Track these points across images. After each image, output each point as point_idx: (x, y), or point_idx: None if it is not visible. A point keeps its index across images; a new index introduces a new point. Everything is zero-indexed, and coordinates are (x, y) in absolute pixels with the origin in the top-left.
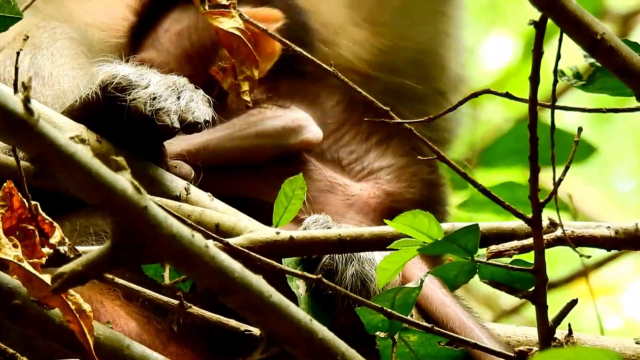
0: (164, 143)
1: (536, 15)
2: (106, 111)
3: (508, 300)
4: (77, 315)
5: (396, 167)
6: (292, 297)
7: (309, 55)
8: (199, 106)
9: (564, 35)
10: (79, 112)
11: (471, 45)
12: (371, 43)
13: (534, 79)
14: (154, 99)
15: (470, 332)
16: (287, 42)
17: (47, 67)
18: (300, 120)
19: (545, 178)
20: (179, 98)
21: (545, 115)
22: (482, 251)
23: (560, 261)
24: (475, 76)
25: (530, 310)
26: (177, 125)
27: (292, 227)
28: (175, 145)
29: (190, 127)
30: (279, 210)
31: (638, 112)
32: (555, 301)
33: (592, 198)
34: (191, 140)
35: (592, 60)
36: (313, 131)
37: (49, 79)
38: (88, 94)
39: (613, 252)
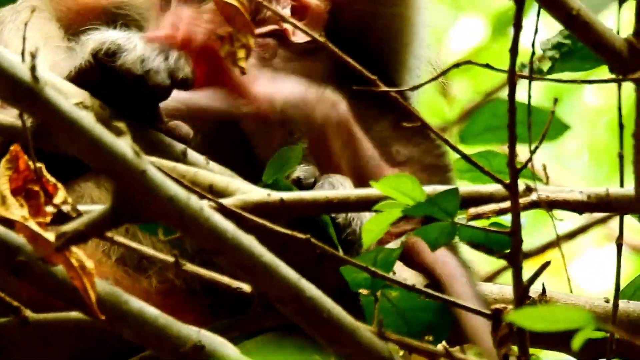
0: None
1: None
2: (100, 77)
3: (485, 267)
4: (80, 272)
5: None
6: (284, 258)
7: (301, 26)
8: (187, 65)
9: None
10: (75, 81)
11: (441, 29)
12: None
13: (514, 51)
14: (143, 60)
15: (456, 284)
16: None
17: (14, 42)
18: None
19: (520, 152)
20: (167, 58)
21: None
22: (462, 213)
23: (534, 234)
24: (444, 57)
25: (506, 278)
26: (168, 82)
27: None
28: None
29: (181, 83)
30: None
31: (609, 82)
32: (530, 269)
33: (552, 171)
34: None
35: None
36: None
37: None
38: (81, 63)
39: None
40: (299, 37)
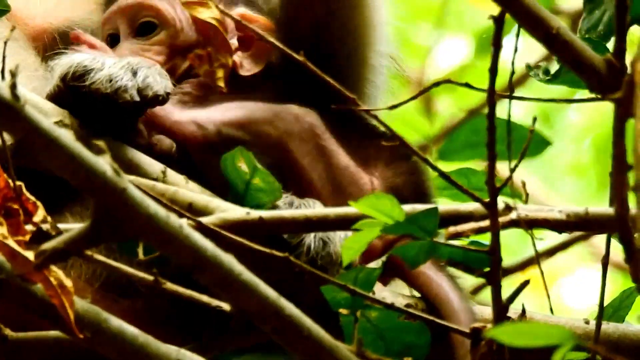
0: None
1: (485, 16)
2: (72, 99)
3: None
4: (59, 290)
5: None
6: (263, 276)
7: (280, 45)
8: (157, 81)
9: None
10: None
11: (426, 46)
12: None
13: (493, 70)
14: (111, 79)
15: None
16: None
17: None
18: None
19: (499, 170)
20: (135, 75)
21: (499, 109)
22: (441, 232)
23: (515, 251)
24: (429, 73)
25: (486, 294)
26: (137, 99)
27: None
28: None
29: (152, 100)
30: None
31: (590, 102)
32: (509, 286)
33: (537, 189)
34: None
35: None
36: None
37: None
38: (52, 88)
39: (563, 240)
40: (247, 70)
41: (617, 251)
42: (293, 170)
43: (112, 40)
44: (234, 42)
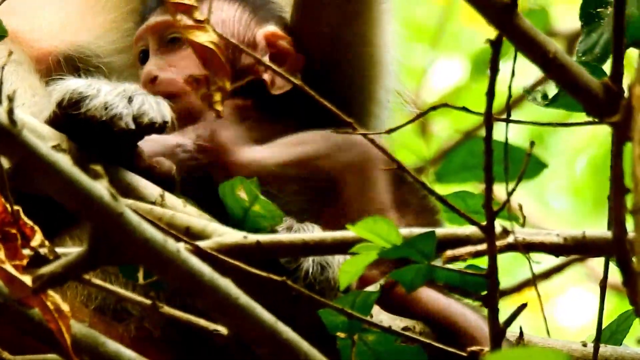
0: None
1: (480, 38)
2: (69, 125)
3: None
4: (56, 315)
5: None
6: (260, 300)
7: (276, 68)
8: (153, 108)
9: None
10: None
11: (422, 68)
12: None
13: (490, 94)
14: (107, 107)
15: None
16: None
17: None
18: None
19: (496, 192)
20: (130, 102)
21: (495, 131)
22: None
23: (512, 272)
24: (425, 95)
25: None
26: (132, 126)
27: None
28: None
29: (147, 127)
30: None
31: (586, 125)
32: (505, 307)
33: (532, 209)
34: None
35: None
36: None
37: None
38: (49, 114)
39: (560, 263)
40: (277, 89)
41: (613, 272)
42: (337, 200)
43: (144, 56)
44: (265, 59)
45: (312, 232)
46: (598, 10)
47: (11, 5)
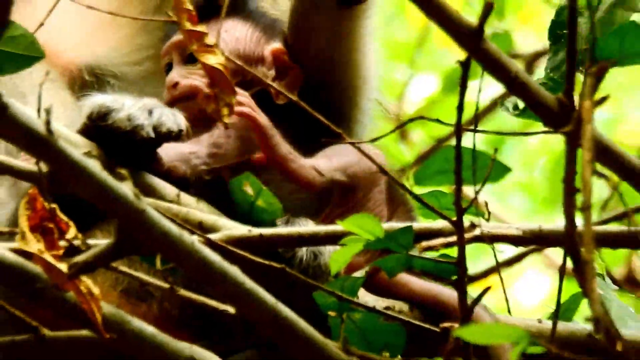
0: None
1: (452, 57)
2: (98, 135)
3: None
4: (88, 297)
5: None
6: (263, 284)
7: (272, 83)
8: (170, 119)
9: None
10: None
11: (401, 83)
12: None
13: (460, 108)
14: (130, 118)
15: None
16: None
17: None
18: None
19: (465, 191)
20: (150, 114)
21: (464, 139)
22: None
23: (478, 260)
24: (404, 107)
25: None
26: (152, 135)
27: None
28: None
29: (165, 136)
30: None
31: (543, 134)
32: (474, 291)
33: (495, 208)
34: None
35: None
36: None
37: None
38: (81, 125)
39: (519, 252)
40: (281, 99)
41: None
42: (360, 203)
43: (168, 68)
44: (271, 72)
45: (307, 226)
46: (565, 31)
47: (39, 20)
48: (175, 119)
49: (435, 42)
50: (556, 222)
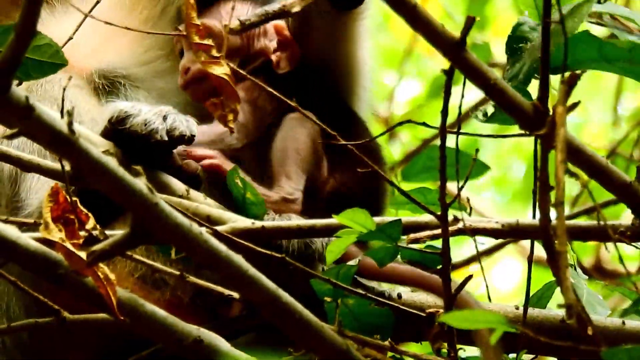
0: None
1: (437, 64)
2: (117, 137)
3: None
4: (105, 283)
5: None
6: (265, 273)
7: (266, 87)
8: (182, 124)
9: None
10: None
11: (390, 87)
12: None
13: (444, 113)
14: (146, 123)
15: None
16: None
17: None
18: None
19: (449, 188)
20: (165, 120)
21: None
22: (403, 238)
23: (460, 249)
24: (393, 109)
25: None
26: (166, 139)
27: None
28: None
29: (178, 139)
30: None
31: (520, 137)
32: (457, 277)
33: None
34: None
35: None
36: None
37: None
38: (102, 128)
39: (498, 243)
40: (281, 69)
41: (538, 249)
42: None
43: (181, 53)
44: (273, 44)
45: (305, 220)
46: (520, 45)
47: (55, 33)
48: (187, 124)
49: (421, 50)
50: (528, 215)
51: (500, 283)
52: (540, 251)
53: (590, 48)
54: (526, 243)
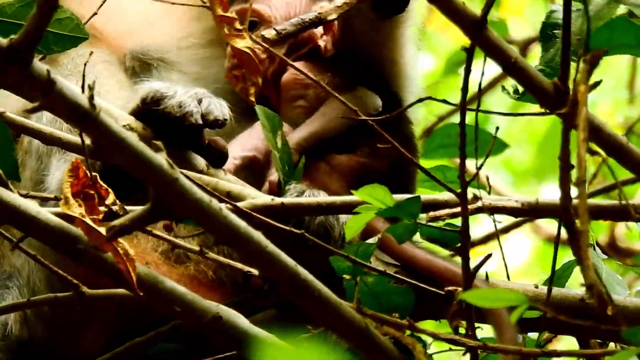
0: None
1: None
2: (148, 117)
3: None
4: (124, 258)
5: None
6: (283, 249)
7: (301, 70)
8: (217, 108)
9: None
10: None
11: None
12: None
13: (464, 90)
14: (181, 105)
15: (436, 265)
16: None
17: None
18: None
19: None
20: (200, 103)
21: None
22: (422, 216)
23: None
24: None
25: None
26: (200, 122)
27: None
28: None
29: (212, 123)
30: None
31: (540, 116)
32: (474, 256)
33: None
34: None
35: None
36: None
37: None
38: (133, 107)
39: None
40: (328, 52)
41: (549, 226)
42: None
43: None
44: (320, 30)
45: (325, 196)
46: (554, 31)
47: (96, 4)
48: (221, 108)
49: (434, 27)
50: (539, 194)
51: (509, 260)
52: (551, 228)
53: (628, 34)
54: (538, 220)
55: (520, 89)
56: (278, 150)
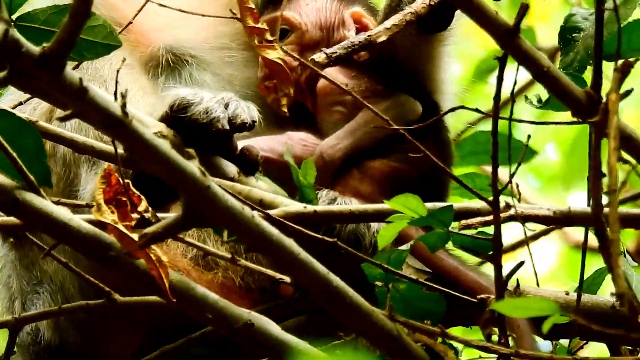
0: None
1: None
2: (177, 124)
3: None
4: (157, 265)
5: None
6: (314, 255)
7: (327, 77)
8: (244, 111)
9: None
10: None
11: None
12: None
13: (497, 98)
14: (207, 111)
15: (465, 276)
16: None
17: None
18: None
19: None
20: (226, 107)
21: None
22: (455, 224)
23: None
24: None
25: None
26: (227, 127)
27: None
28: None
29: (239, 127)
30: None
31: (572, 124)
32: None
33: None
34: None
35: None
36: None
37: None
38: (162, 113)
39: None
40: (362, 56)
41: (576, 232)
42: None
43: None
44: (352, 33)
45: (357, 204)
46: (573, 34)
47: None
48: (249, 112)
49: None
50: (566, 201)
51: (539, 266)
52: (578, 235)
53: None
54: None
55: (544, 98)
56: None
